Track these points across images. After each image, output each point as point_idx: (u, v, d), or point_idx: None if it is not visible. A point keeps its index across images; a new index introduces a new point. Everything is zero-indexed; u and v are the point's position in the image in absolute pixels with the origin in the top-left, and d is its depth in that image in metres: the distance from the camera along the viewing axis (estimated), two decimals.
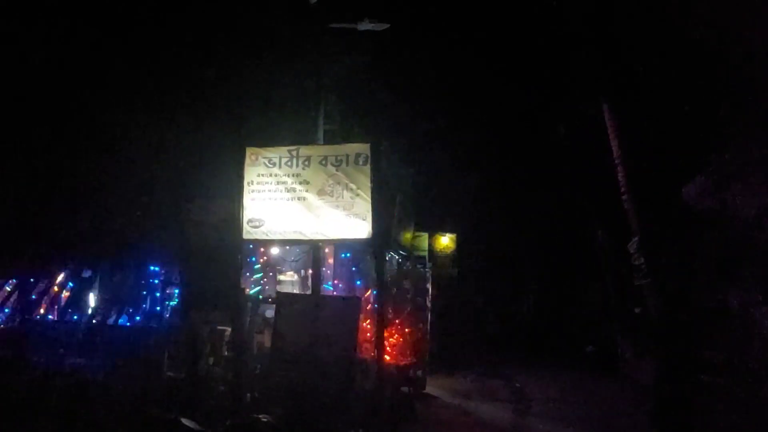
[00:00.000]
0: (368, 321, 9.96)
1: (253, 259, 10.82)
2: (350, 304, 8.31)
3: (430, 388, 11.72)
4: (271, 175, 8.79)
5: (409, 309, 12.23)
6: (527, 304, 24.42)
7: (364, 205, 8.40)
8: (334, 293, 10.57)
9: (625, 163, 15.25)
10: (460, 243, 19.49)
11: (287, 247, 11.31)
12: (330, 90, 9.67)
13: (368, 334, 9.80)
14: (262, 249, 12.01)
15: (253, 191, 8.78)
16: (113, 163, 8.53)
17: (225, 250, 8.59)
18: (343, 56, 9.83)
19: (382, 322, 8.24)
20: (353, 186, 8.49)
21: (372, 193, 8.42)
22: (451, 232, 19.50)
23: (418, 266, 13.81)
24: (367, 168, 8.52)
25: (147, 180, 8.57)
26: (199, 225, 8.60)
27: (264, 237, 8.63)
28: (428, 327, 13.38)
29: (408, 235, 13.97)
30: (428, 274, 14.55)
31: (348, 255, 10.44)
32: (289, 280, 11.36)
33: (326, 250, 10.56)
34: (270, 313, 8.72)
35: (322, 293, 8.98)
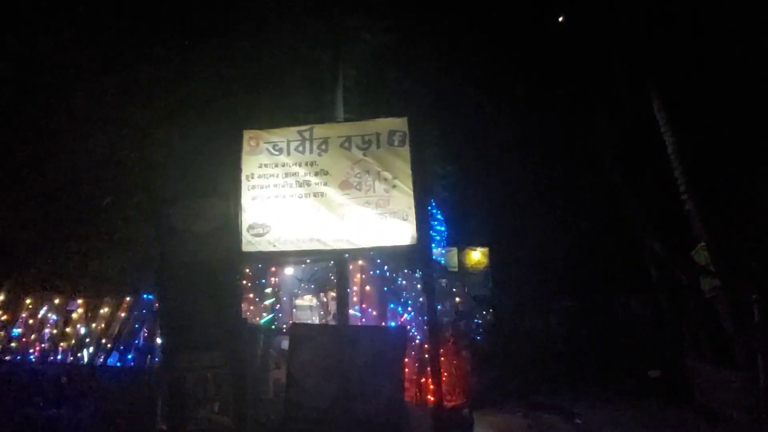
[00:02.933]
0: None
1: (263, 281, 9.26)
2: (395, 337, 6.01)
3: (479, 430, 9.58)
4: (277, 166, 6.62)
5: (452, 336, 10.09)
6: (569, 322, 21.90)
7: (404, 199, 6.20)
8: (362, 321, 8.32)
9: (682, 160, 13.31)
10: (493, 257, 17.49)
11: (303, 265, 9.15)
12: (349, 64, 7.54)
13: (406, 371, 7.59)
14: (273, 268, 10.02)
15: (254, 188, 6.59)
16: (65, 157, 6.33)
17: (219, 268, 6.35)
18: (363, 33, 7.72)
19: (436, 357, 5.95)
20: (388, 174, 6.30)
21: (414, 182, 6.21)
22: (482, 245, 17.55)
23: (457, 284, 11.66)
24: (406, 149, 6.34)
25: (111, 177, 6.38)
26: (183, 235, 6.40)
27: (271, 248, 6.40)
28: (471, 356, 11.19)
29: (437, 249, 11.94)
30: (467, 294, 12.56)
31: (378, 272, 8.23)
32: (307, 305, 9.20)
33: (350, 266, 8.38)
34: (287, 344, 6.50)
35: (351, 322, 6.70)
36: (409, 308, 9.35)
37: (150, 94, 6.28)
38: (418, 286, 9.40)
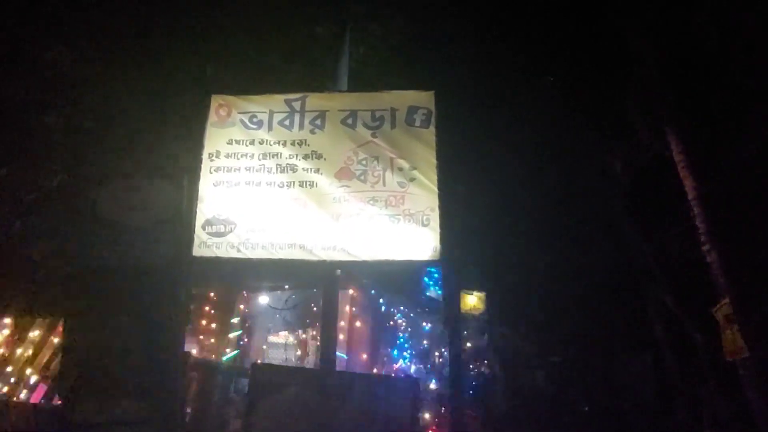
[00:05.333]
0: None
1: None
2: (403, 392, 4.13)
3: None
4: (253, 143, 4.87)
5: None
6: (559, 380, 20.01)
7: (425, 197, 4.49)
8: (345, 366, 6.42)
9: (705, 205, 11.99)
10: (490, 304, 15.88)
11: (281, 291, 7.35)
12: (358, 41, 5.93)
13: None
14: (244, 293, 8.21)
15: (218, 170, 4.80)
16: None
17: (156, 279, 4.45)
18: (370, 22, 6.13)
19: (461, 420, 4.09)
20: (404, 163, 4.61)
21: (441, 176, 4.52)
22: (479, 290, 15.97)
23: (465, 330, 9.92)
24: (431, 132, 4.69)
25: (18, 142, 4.51)
26: (110, 230, 4.50)
27: (233, 254, 4.54)
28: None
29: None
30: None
31: (374, 292, 6.46)
32: (282, 343, 7.37)
33: (350, 292, 6.63)
34: None
35: (339, 368, 4.81)
36: (406, 353, 7.49)
37: (85, 28, 4.55)
38: (426, 325, 7.57)
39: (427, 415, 7.02)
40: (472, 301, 16.97)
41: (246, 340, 8.46)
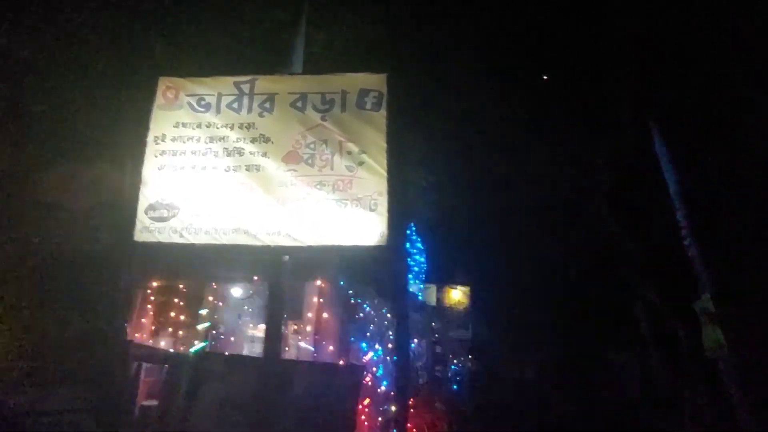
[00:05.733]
0: (367, 401, 5.86)
1: None
2: (345, 380, 4.02)
3: None
4: (200, 126, 4.74)
5: (424, 382, 8.16)
6: (547, 376, 19.97)
7: (373, 182, 4.38)
8: (315, 356, 6.32)
9: (686, 200, 11.95)
10: (474, 298, 15.89)
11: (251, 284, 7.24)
12: (316, 26, 5.79)
13: (363, 419, 5.70)
14: (214, 284, 8.09)
15: (163, 153, 4.67)
16: None
17: (97, 265, 4.32)
18: (326, 6, 5.92)
19: (404, 405, 4.00)
20: (353, 147, 4.50)
21: (390, 160, 4.40)
22: (464, 284, 15.94)
23: (433, 324, 9.82)
24: (381, 115, 4.58)
25: None
26: (49, 213, 4.35)
27: (176, 239, 4.42)
28: (448, 409, 9.17)
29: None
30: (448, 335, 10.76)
31: (342, 283, 6.38)
32: (261, 337, 7.22)
33: (318, 283, 6.53)
34: None
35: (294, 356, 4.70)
36: (377, 346, 7.38)
37: (29, 8, 4.39)
38: (389, 315, 7.47)
39: (393, 407, 6.92)
40: (456, 295, 16.95)
41: (223, 334, 8.33)
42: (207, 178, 4.56)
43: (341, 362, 5.86)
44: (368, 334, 7.43)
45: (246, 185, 4.50)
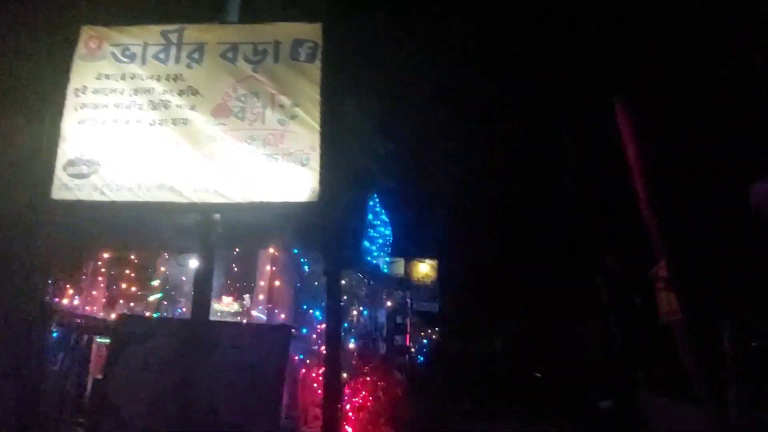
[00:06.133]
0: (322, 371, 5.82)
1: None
2: (272, 342, 3.88)
3: None
4: (124, 78, 4.45)
5: (383, 353, 8.15)
6: (514, 344, 20.29)
7: (306, 136, 4.19)
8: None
9: (645, 170, 12.12)
10: (442, 272, 15.93)
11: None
12: None
13: (320, 392, 5.64)
14: (166, 254, 7.87)
15: (83, 106, 4.39)
16: None
17: (10, 225, 4.05)
18: None
19: (335, 372, 3.89)
20: (285, 100, 4.28)
21: (324, 113, 4.21)
22: (432, 258, 15.93)
23: (396, 292, 9.76)
24: (316, 67, 4.36)
25: None
26: None
27: (97, 197, 4.17)
28: (407, 378, 9.20)
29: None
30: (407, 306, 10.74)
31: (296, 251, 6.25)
32: (227, 311, 7.01)
33: (270, 251, 6.37)
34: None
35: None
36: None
37: None
38: (343, 283, 7.35)
39: (345, 375, 6.85)
40: (424, 269, 16.97)
41: (183, 307, 8.10)
42: (130, 132, 4.30)
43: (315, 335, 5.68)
44: (323, 303, 7.28)
45: (172, 140, 4.26)
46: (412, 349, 15.49)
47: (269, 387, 3.72)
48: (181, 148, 4.24)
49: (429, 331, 17.67)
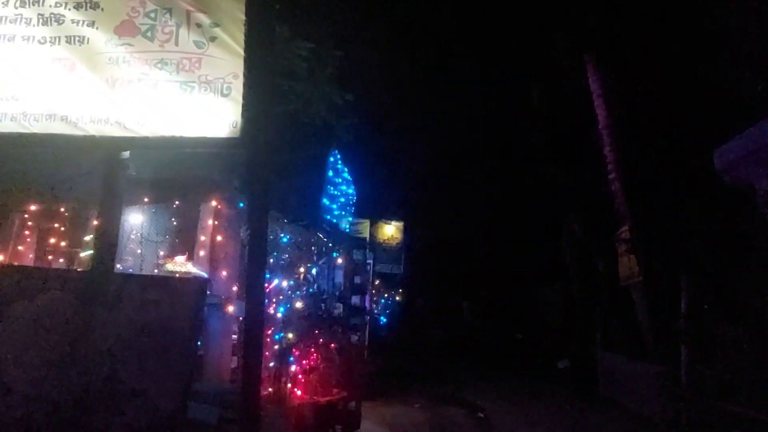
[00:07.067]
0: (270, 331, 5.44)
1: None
2: (184, 295, 3.39)
3: (367, 425, 7.81)
4: None
5: (338, 313, 7.84)
6: (480, 307, 20.44)
7: (228, 61, 3.58)
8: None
9: (614, 134, 12.03)
10: (408, 234, 15.69)
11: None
12: None
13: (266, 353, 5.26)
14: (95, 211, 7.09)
15: None
16: None
17: None
18: None
19: (256, 330, 3.46)
20: (204, 18, 3.64)
21: (250, 35, 3.59)
22: (398, 219, 15.64)
23: (355, 251, 9.40)
24: None
25: None
26: None
27: None
28: (366, 339, 8.94)
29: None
30: (369, 267, 10.46)
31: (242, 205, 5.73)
32: (182, 271, 6.46)
33: (213, 203, 5.82)
34: None
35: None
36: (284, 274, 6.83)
37: None
38: (285, 236, 6.86)
39: (291, 335, 6.47)
40: (390, 230, 16.68)
41: (131, 268, 7.43)
42: (15, 51, 3.60)
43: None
44: (271, 260, 6.79)
45: (65, 61, 3.58)
46: (376, 311, 15.35)
47: (179, 347, 3.25)
48: (76, 71, 3.58)
49: (393, 292, 17.51)
